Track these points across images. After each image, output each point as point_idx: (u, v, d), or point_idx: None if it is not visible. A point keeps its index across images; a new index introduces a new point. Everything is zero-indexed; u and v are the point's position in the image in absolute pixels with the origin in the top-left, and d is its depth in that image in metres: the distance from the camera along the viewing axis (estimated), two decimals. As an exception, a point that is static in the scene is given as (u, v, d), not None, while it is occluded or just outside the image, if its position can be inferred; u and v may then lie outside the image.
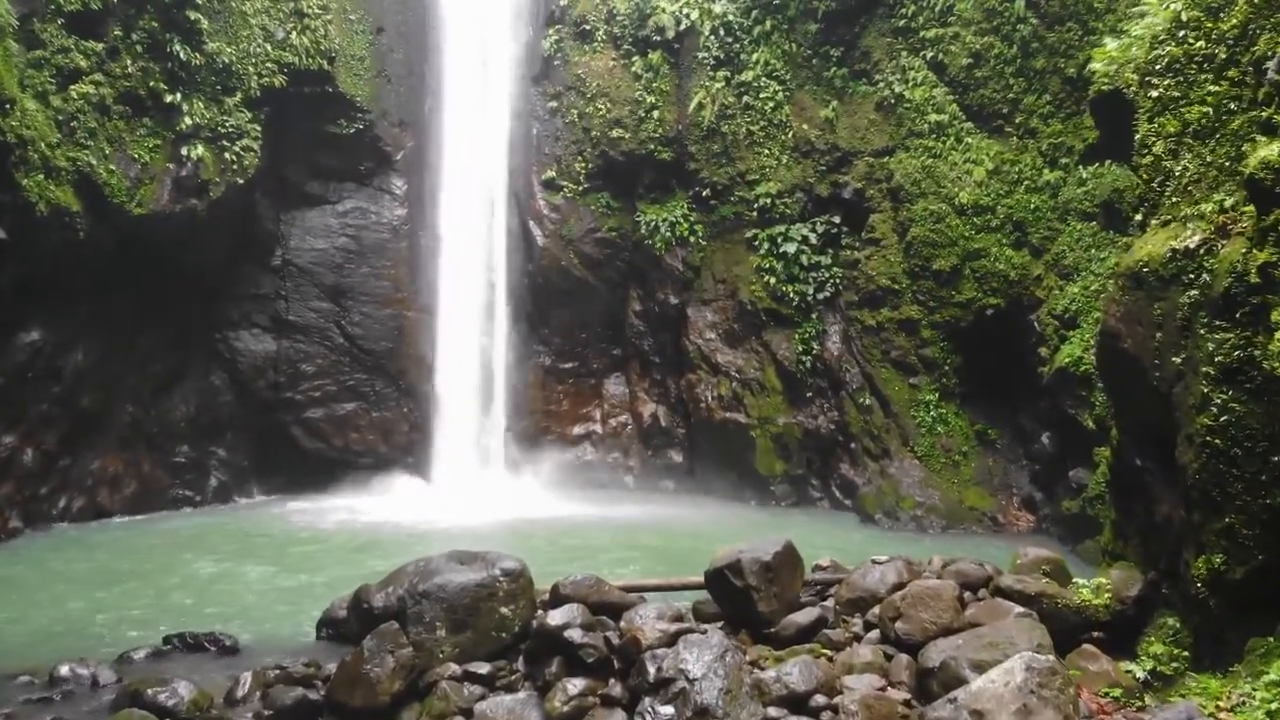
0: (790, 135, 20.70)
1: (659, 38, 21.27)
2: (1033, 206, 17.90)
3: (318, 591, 12.35)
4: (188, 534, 16.74)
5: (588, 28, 21.99)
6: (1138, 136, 9.99)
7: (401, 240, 21.79)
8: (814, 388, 20.27)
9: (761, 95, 20.67)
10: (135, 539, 16.30)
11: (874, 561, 9.82)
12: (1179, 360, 8.87)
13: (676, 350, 22.07)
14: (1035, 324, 17.62)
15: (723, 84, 20.81)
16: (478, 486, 21.07)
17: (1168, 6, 9.75)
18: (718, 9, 20.70)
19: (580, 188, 22.26)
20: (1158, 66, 9.78)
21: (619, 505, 20.11)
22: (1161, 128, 9.63)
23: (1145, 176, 9.81)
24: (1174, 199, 9.37)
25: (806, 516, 19.24)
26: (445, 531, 17.30)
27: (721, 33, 20.76)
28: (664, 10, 21.00)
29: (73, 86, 16.60)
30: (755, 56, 20.64)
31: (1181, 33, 9.58)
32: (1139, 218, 9.95)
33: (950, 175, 18.70)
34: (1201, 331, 8.56)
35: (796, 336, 20.38)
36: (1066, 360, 15.94)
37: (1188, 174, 9.28)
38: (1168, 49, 9.67)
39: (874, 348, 19.48)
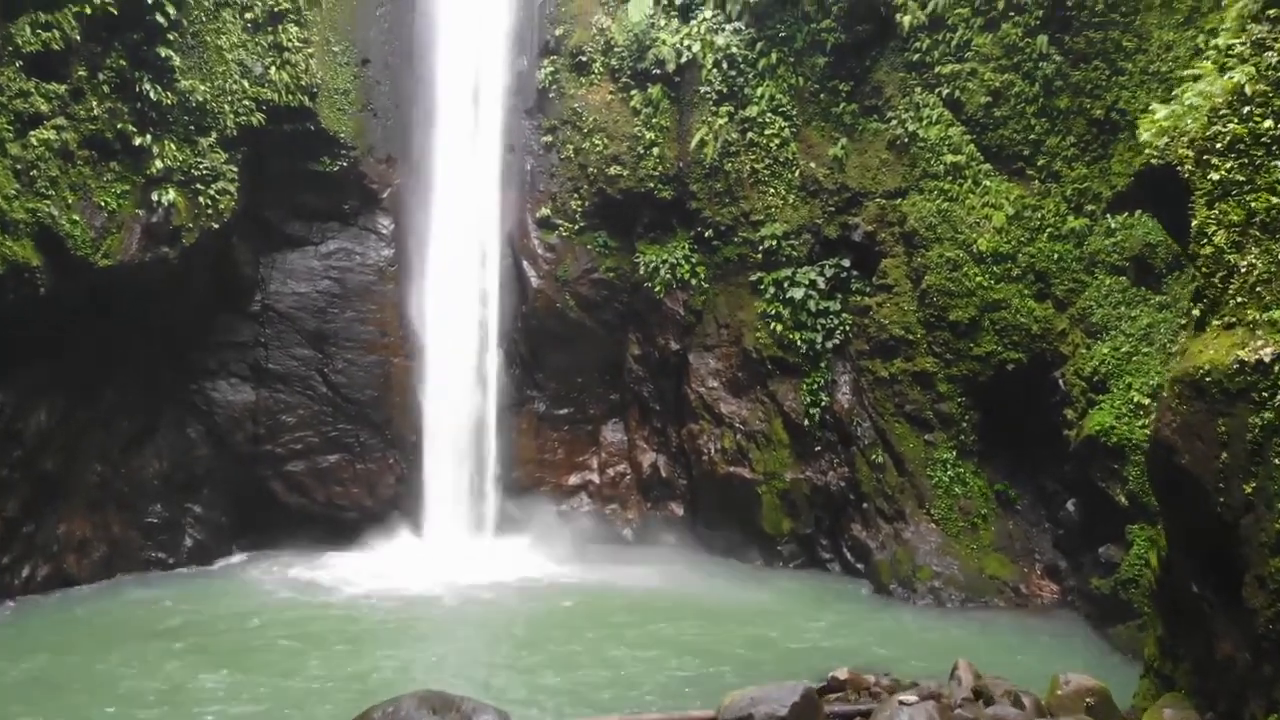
0: (797, 174, 19.62)
1: (659, 71, 20.17)
2: (1056, 256, 16.82)
3: (287, 704, 11.31)
4: (153, 613, 15.57)
5: (584, 59, 20.89)
6: (1195, 222, 8.92)
7: (388, 282, 20.69)
8: (823, 441, 19.18)
9: (766, 131, 19.59)
10: (96, 619, 15.23)
11: (901, 702, 8.74)
12: (1249, 489, 7.81)
13: (677, 398, 20.99)
14: (1060, 382, 16.54)
15: (726, 119, 19.73)
16: (467, 543, 20.03)
17: (1229, 77, 8.67)
18: (720, 41, 19.61)
19: (576, 226, 21.17)
20: (1218, 145, 8.71)
21: (618, 565, 19.04)
22: (1223, 216, 8.56)
23: (1205, 269, 8.73)
24: (1239, 299, 8.30)
25: (816, 582, 18.18)
26: (431, 609, 16.34)
27: (724, 66, 19.68)
28: (664, 42, 19.91)
29: (33, 132, 15.47)
30: (760, 91, 19.55)
31: (1246, 109, 8.52)
32: (1196, 313, 8.87)
33: (967, 220, 17.63)
34: (1277, 461, 7.51)
35: (804, 386, 19.29)
36: (1096, 429, 14.86)
37: (1255, 271, 8.21)
38: (1230, 126, 8.60)
39: (886, 401, 18.40)
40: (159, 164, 17.05)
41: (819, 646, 13.69)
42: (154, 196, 17.04)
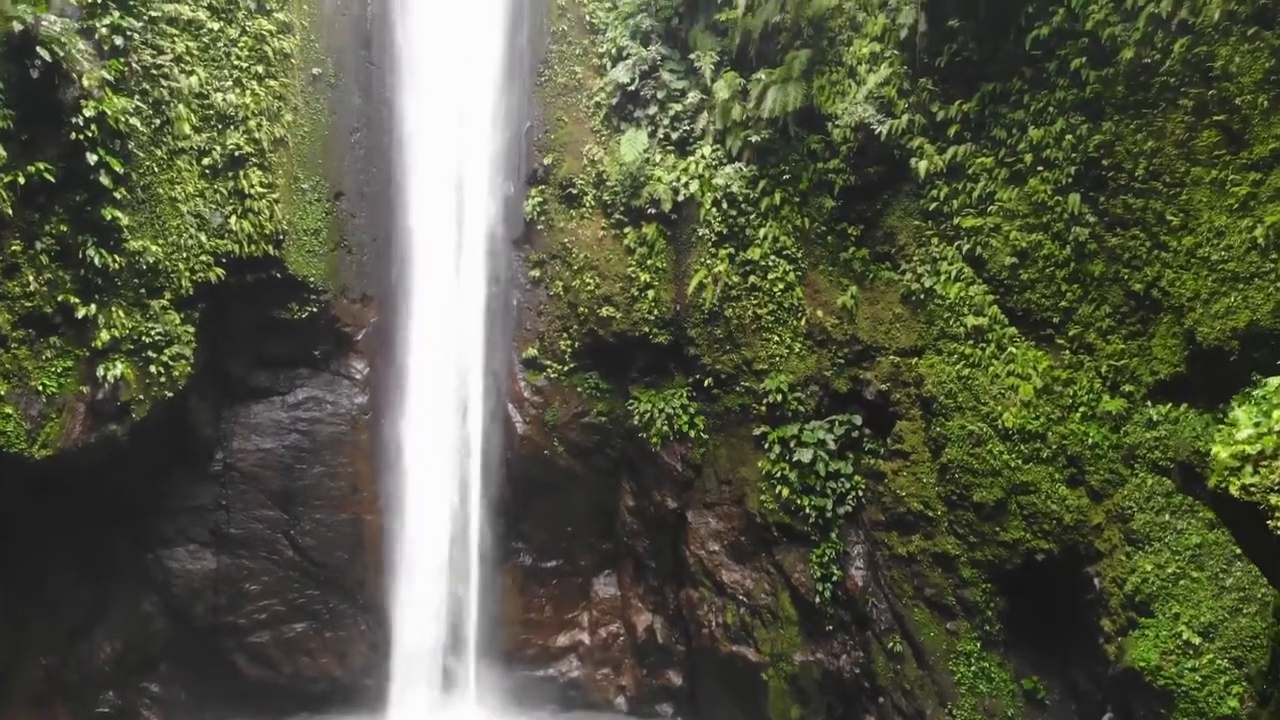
0: (803, 321, 18.07)
1: (654, 210, 18.64)
2: (1091, 441, 15.19)
3: None
4: None
5: (575, 191, 19.38)
6: (1291, 597, 7.34)
7: (361, 432, 19.18)
8: (835, 620, 17.57)
9: (770, 275, 18.06)
10: None
11: None
12: None
13: (675, 556, 19.42)
14: (1095, 582, 14.92)
15: (726, 262, 18.19)
16: (444, 718, 18.51)
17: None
18: (720, 180, 18.07)
19: (566, 367, 19.65)
20: (1321, 509, 7.14)
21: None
22: (1330, 605, 6.98)
23: (1305, 664, 7.15)
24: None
25: (825, 785, 16.62)
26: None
27: (724, 205, 18.14)
28: (660, 180, 18.39)
29: (-42, 320, 14.10)
30: (763, 232, 18.02)
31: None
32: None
33: (991, 390, 16.04)
34: None
35: (814, 558, 17.70)
36: (1140, 664, 13.23)
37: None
38: (1337, 490, 7.03)
39: (904, 582, 16.81)
40: (105, 335, 15.62)
41: None
42: (100, 371, 15.58)
